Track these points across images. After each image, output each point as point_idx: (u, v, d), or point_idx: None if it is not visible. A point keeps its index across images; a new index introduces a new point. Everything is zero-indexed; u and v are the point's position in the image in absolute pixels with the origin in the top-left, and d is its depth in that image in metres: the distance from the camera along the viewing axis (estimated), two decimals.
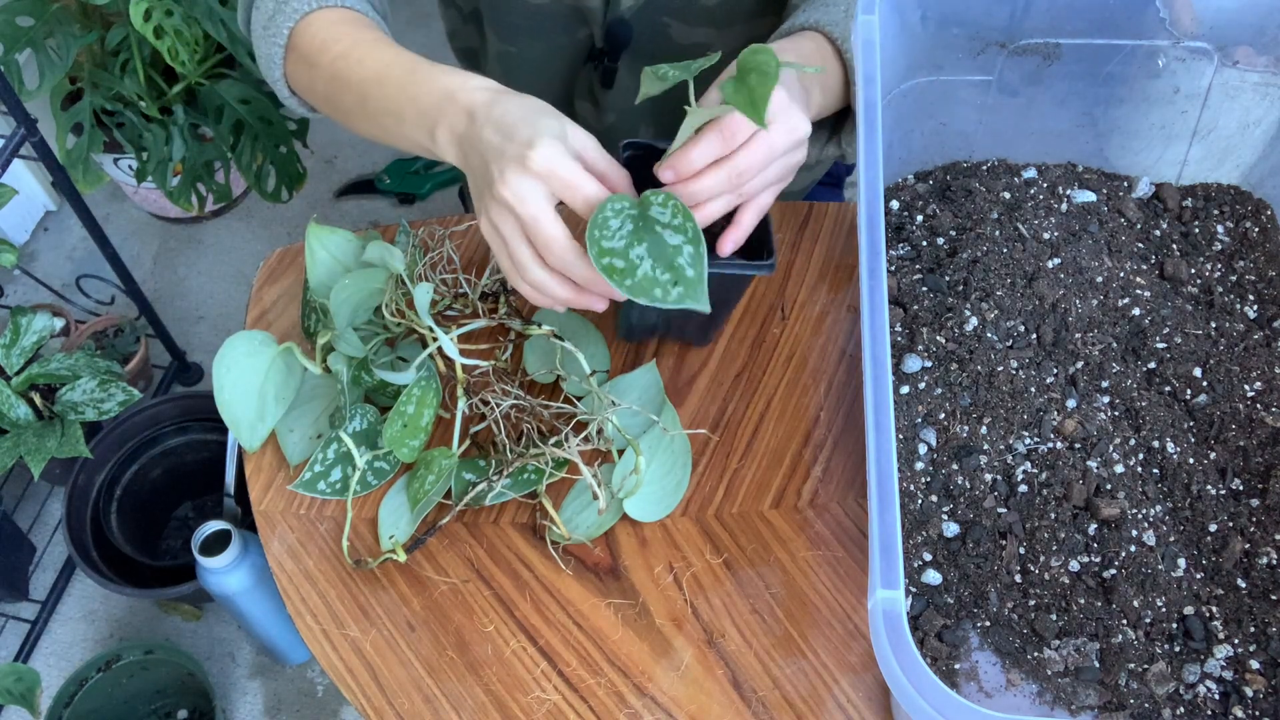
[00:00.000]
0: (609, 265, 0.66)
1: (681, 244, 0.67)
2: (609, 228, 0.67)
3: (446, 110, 0.70)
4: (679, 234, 0.67)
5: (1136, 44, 0.80)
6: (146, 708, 1.50)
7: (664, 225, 0.67)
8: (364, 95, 0.75)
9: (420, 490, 0.78)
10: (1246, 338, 0.79)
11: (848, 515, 0.79)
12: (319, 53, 0.78)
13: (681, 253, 0.67)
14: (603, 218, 0.67)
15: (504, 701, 0.73)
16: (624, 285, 0.66)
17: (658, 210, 0.68)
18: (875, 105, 0.68)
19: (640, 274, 0.66)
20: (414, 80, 0.73)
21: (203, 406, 1.56)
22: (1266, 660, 0.66)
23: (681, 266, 0.66)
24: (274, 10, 0.80)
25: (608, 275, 0.66)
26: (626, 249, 0.67)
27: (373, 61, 0.76)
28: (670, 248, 0.67)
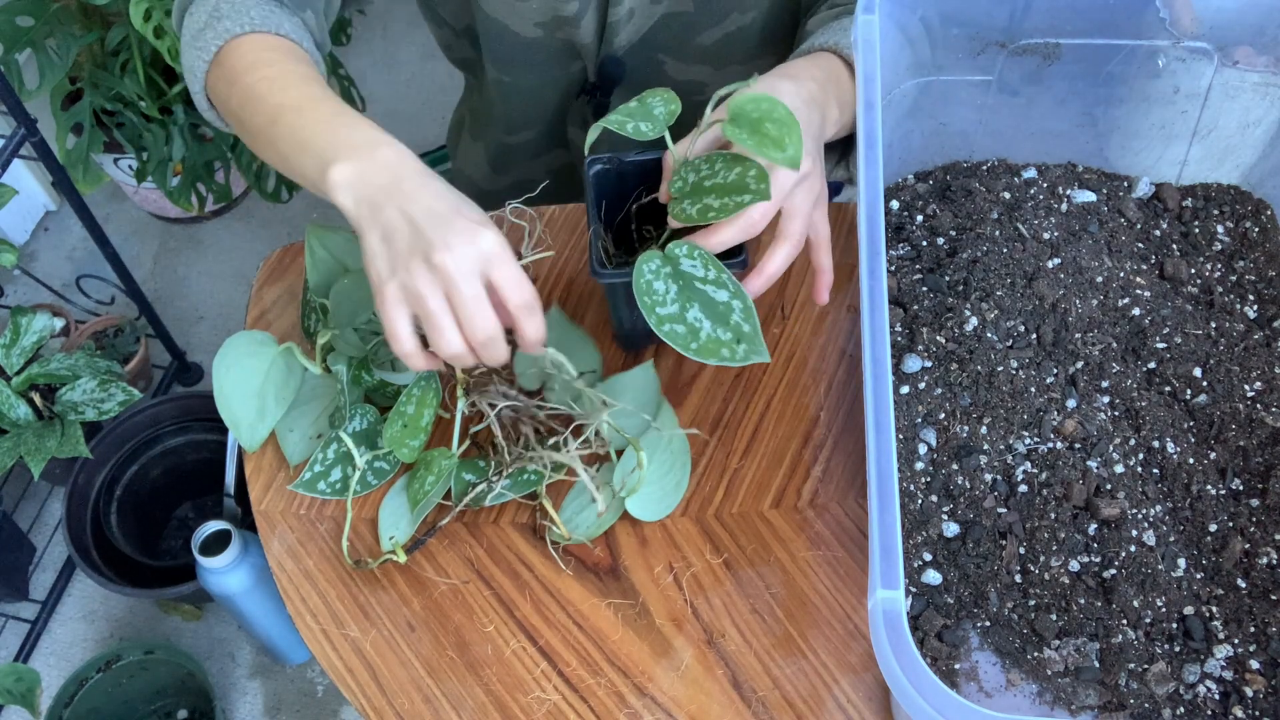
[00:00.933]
0: (670, 331, 0.68)
1: (729, 300, 0.68)
2: (656, 292, 0.68)
3: (359, 154, 0.68)
4: (722, 289, 0.69)
5: (1136, 44, 0.80)
6: (146, 708, 1.50)
7: (703, 281, 0.69)
8: (276, 119, 0.72)
9: (420, 491, 0.78)
10: (1246, 338, 0.79)
11: (848, 515, 0.79)
12: (243, 71, 0.75)
13: (733, 310, 0.68)
14: (645, 282, 0.68)
15: (504, 701, 0.73)
16: (690, 349, 0.68)
17: (689, 264, 0.69)
18: (875, 105, 0.68)
19: (704, 337, 0.68)
20: (338, 119, 0.71)
21: (203, 406, 1.56)
22: (1266, 660, 0.66)
23: (738, 324, 0.68)
24: (205, 24, 0.78)
25: (671, 341, 0.68)
26: (682, 313, 0.68)
27: (299, 91, 0.74)
28: (721, 305, 0.68)
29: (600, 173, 0.79)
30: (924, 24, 0.79)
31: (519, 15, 0.89)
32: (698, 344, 0.68)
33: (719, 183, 0.69)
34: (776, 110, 0.67)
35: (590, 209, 0.78)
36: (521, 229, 0.94)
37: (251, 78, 0.75)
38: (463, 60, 1.07)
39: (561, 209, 0.96)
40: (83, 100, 1.62)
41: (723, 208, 0.68)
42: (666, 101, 0.73)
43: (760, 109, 0.67)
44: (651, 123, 0.72)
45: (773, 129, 0.67)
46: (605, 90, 0.97)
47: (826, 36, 0.81)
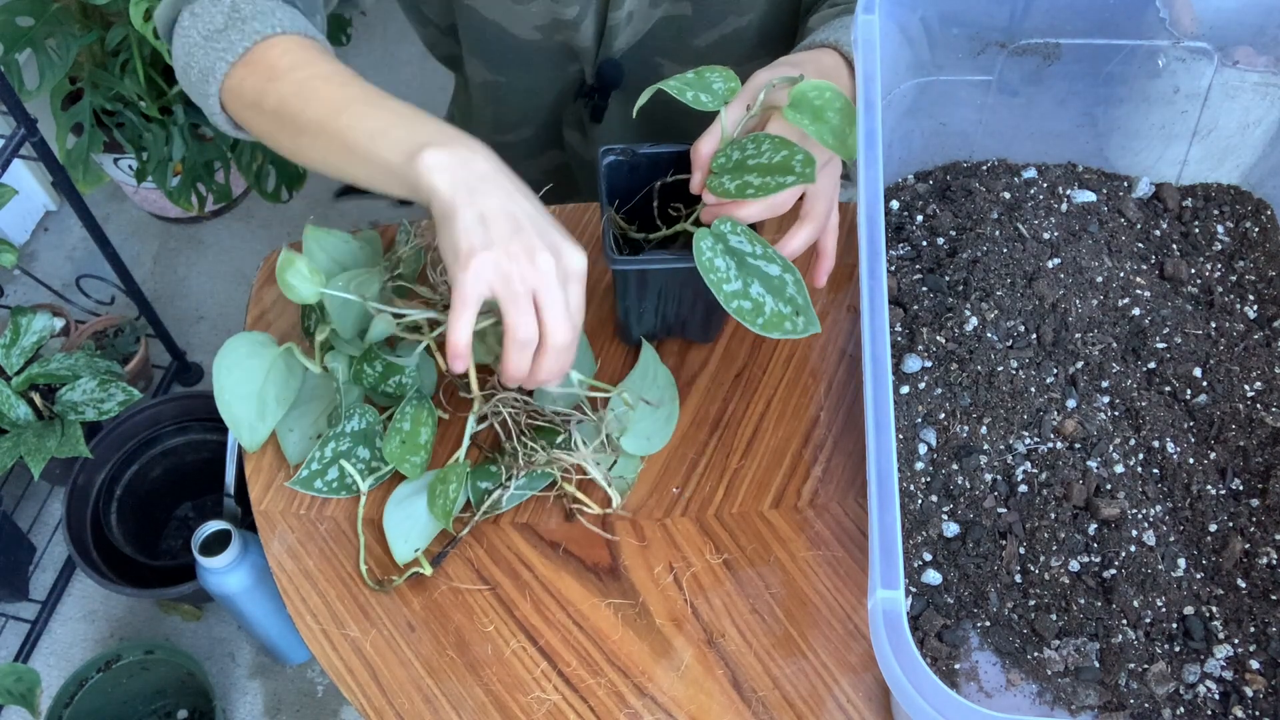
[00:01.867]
0: (739, 308, 0.70)
1: (782, 274, 0.70)
2: (718, 269, 0.70)
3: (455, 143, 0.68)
4: (772, 264, 0.70)
5: (1136, 44, 0.80)
6: (146, 708, 1.50)
7: (754, 257, 0.71)
8: (341, 110, 0.72)
9: (446, 504, 0.77)
10: (1246, 338, 0.79)
11: (848, 515, 0.79)
12: (291, 69, 0.74)
13: (787, 284, 0.70)
14: (707, 259, 0.70)
15: (504, 701, 0.73)
16: (756, 325, 0.69)
17: (736, 241, 0.71)
18: (875, 105, 0.68)
19: (768, 311, 0.70)
20: (416, 114, 0.71)
21: (203, 406, 1.56)
22: (1266, 660, 0.66)
23: (793, 297, 0.70)
24: (225, 24, 0.76)
25: (739, 317, 0.69)
26: (746, 289, 0.70)
27: (360, 89, 0.73)
28: (776, 279, 0.70)
29: (613, 164, 0.80)
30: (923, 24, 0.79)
31: (517, 18, 0.89)
32: (763, 319, 0.69)
33: (763, 163, 0.70)
34: (839, 100, 0.69)
35: (602, 199, 0.79)
36: None
37: (303, 74, 0.74)
38: (449, 58, 1.07)
39: (561, 208, 0.96)
40: (83, 100, 1.62)
41: (763, 186, 0.69)
42: (726, 79, 0.74)
43: (824, 97, 0.69)
44: (710, 95, 0.73)
45: (835, 118, 0.69)
46: (603, 93, 0.97)
47: (828, 33, 0.82)
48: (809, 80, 0.70)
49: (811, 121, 0.69)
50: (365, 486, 0.81)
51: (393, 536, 0.79)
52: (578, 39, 0.90)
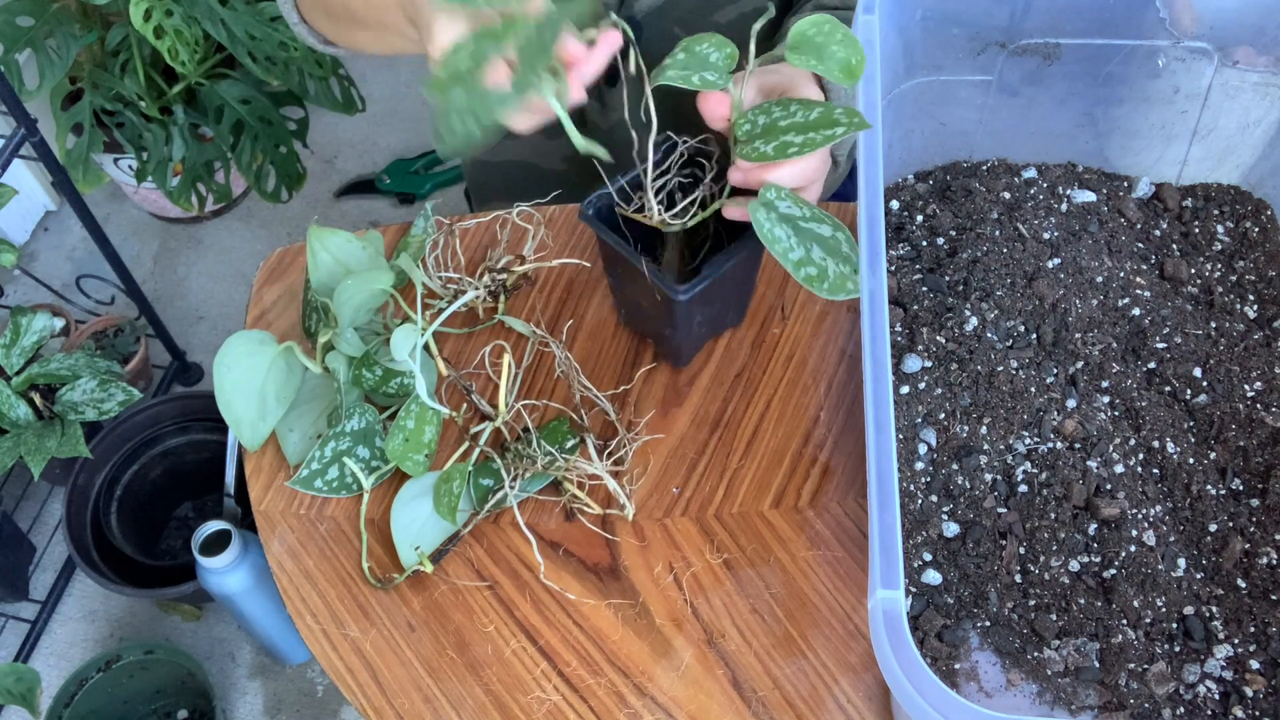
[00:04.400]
0: (806, 276, 0.68)
1: (834, 233, 0.68)
2: (779, 239, 0.68)
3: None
4: (823, 224, 0.68)
5: (1136, 44, 0.80)
6: (146, 708, 1.50)
7: (806, 220, 0.69)
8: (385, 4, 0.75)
9: (451, 501, 0.77)
10: (1246, 338, 0.79)
11: (848, 515, 0.80)
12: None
13: (841, 242, 0.68)
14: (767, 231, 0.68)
15: (504, 701, 0.73)
16: (823, 289, 0.67)
17: (787, 208, 0.69)
18: (875, 105, 0.68)
19: (832, 275, 0.68)
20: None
21: (203, 406, 1.56)
22: (1266, 660, 0.66)
23: (849, 255, 0.68)
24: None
25: (809, 285, 0.68)
26: (808, 255, 0.68)
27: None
28: (831, 240, 0.68)
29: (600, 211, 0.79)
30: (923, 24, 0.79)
31: None
32: (828, 284, 0.68)
33: (798, 122, 0.69)
34: (839, 30, 0.67)
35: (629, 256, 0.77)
36: (525, 231, 0.94)
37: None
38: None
39: (562, 209, 0.96)
40: (83, 100, 1.62)
41: (806, 143, 0.67)
42: (720, 45, 0.72)
43: (824, 32, 0.67)
44: (714, 71, 0.71)
45: (839, 50, 0.67)
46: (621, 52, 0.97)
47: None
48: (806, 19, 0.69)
49: (818, 60, 0.67)
50: (368, 485, 0.81)
51: (399, 539, 0.79)
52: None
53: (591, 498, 0.80)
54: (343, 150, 2.16)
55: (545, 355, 0.88)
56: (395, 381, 0.83)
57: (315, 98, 1.69)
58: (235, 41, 1.54)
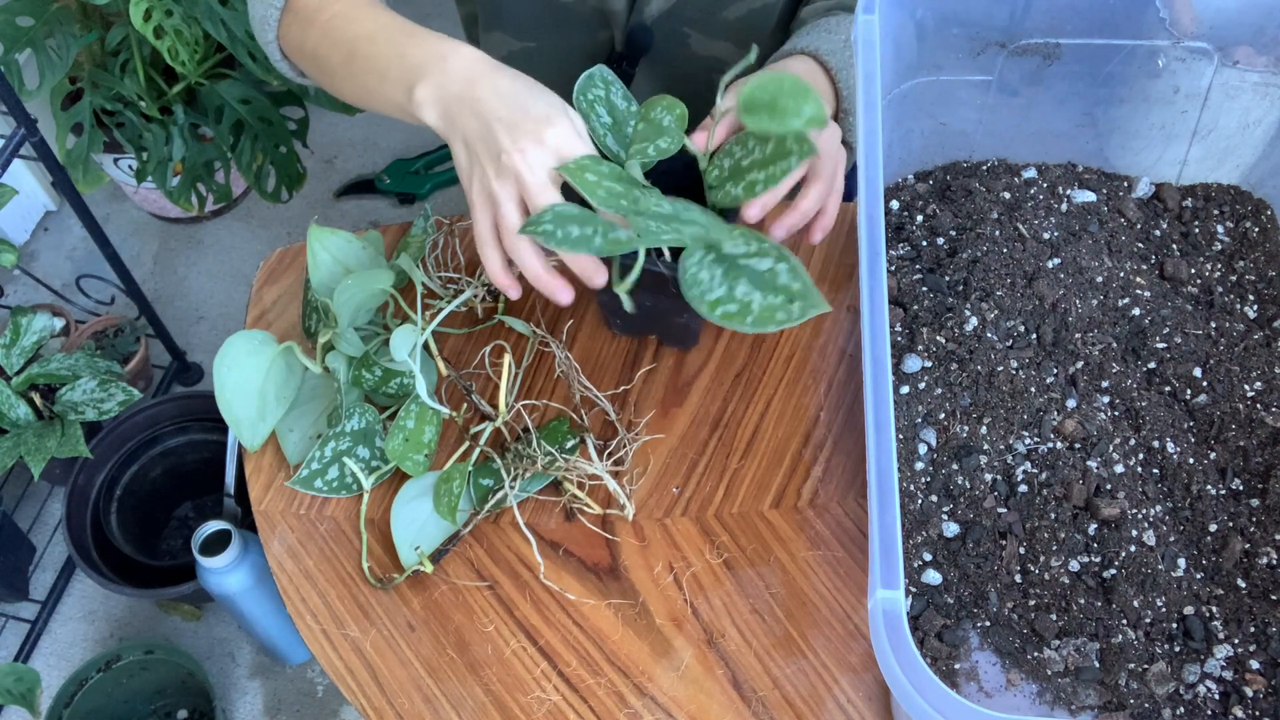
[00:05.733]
0: (724, 314, 0.67)
1: (773, 265, 0.67)
2: (701, 282, 0.68)
3: (433, 70, 0.71)
4: (764, 257, 0.68)
5: (1136, 44, 0.80)
6: (146, 708, 1.50)
7: (747, 257, 0.68)
8: (352, 52, 0.76)
9: (451, 501, 0.77)
10: (1246, 338, 0.79)
11: (848, 515, 0.79)
12: (315, 11, 0.79)
13: (778, 274, 0.67)
14: (691, 275, 0.68)
15: (504, 701, 0.73)
16: (746, 324, 0.66)
17: (732, 247, 0.68)
18: (875, 105, 0.68)
19: (756, 308, 0.66)
20: (407, 39, 0.74)
21: (203, 406, 1.56)
22: (1266, 660, 0.66)
23: (787, 285, 0.66)
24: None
25: (726, 323, 0.66)
26: (730, 293, 0.67)
27: (369, 20, 0.76)
28: (766, 273, 0.67)
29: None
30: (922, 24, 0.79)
31: None
32: (752, 317, 0.67)
33: (758, 159, 0.70)
34: (785, 83, 0.67)
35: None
36: None
37: (324, 17, 0.78)
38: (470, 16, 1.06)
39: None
40: (83, 100, 1.62)
41: (769, 177, 0.69)
42: (670, 107, 0.75)
43: (769, 90, 0.67)
44: (668, 136, 0.74)
45: (788, 102, 0.67)
46: (631, 60, 0.97)
47: (807, 40, 0.82)
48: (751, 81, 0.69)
49: (770, 116, 0.67)
50: (368, 485, 0.81)
51: (399, 539, 0.78)
52: (611, 2, 0.91)
53: (591, 498, 0.80)
54: (343, 150, 2.16)
55: (545, 355, 0.88)
56: (395, 381, 0.83)
57: (315, 98, 1.69)
58: (235, 41, 1.54)
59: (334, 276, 0.85)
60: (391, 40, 0.74)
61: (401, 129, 2.17)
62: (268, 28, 0.82)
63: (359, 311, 0.83)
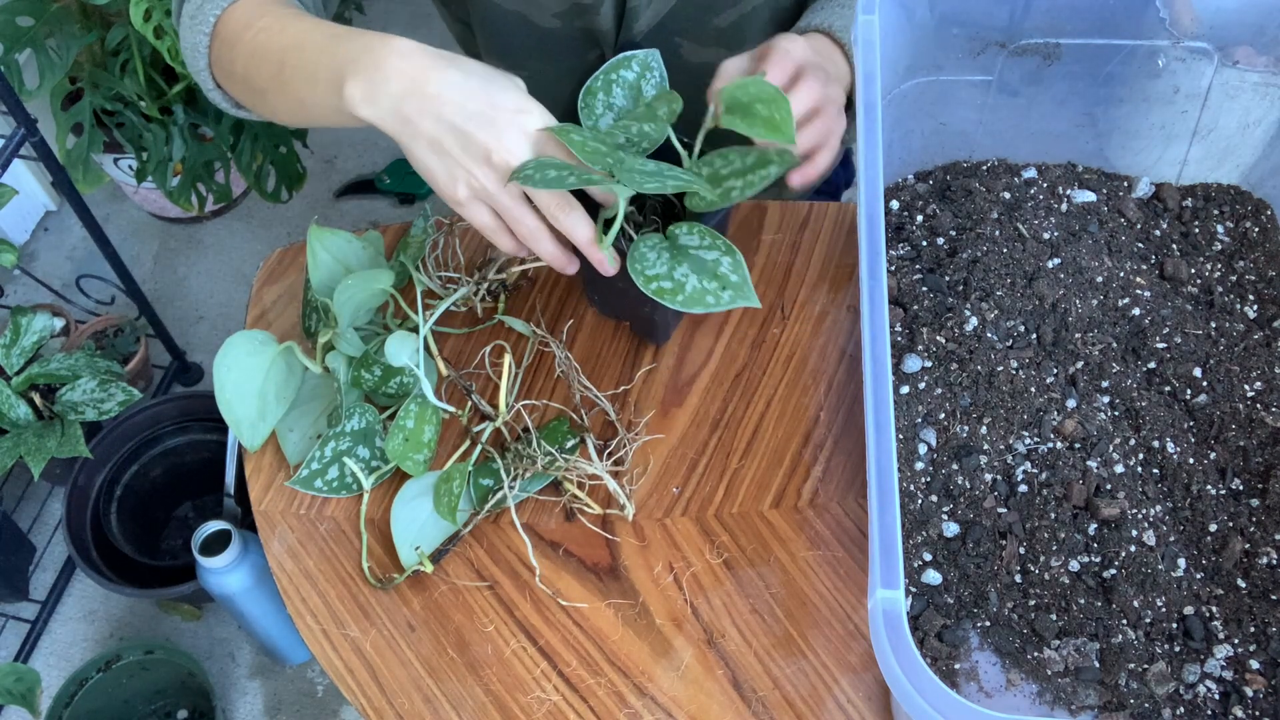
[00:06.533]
0: (658, 288, 0.71)
1: (719, 257, 0.72)
2: (646, 259, 0.72)
3: (363, 62, 0.68)
4: (713, 250, 0.72)
5: (1136, 44, 0.80)
6: (146, 708, 1.50)
7: (696, 248, 0.72)
8: (281, 64, 0.73)
9: (451, 501, 0.77)
10: (1246, 338, 0.79)
11: (848, 515, 0.79)
12: (241, 30, 0.76)
13: (721, 264, 0.72)
14: (639, 253, 0.72)
15: (504, 701, 0.73)
16: (676, 301, 0.71)
17: (686, 239, 0.73)
18: (875, 105, 0.68)
19: (689, 288, 0.71)
20: (335, 40, 0.71)
21: (203, 406, 1.56)
22: (1266, 660, 0.66)
23: (725, 275, 0.71)
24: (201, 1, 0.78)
25: (659, 297, 0.71)
26: (670, 272, 0.72)
27: (294, 31, 0.74)
28: (710, 261, 0.72)
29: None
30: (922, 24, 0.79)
31: (537, 6, 0.89)
32: (684, 296, 0.71)
33: (738, 168, 0.72)
34: (764, 90, 0.69)
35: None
36: None
37: (249, 34, 0.75)
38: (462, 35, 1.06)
39: None
40: (83, 100, 1.62)
41: (746, 184, 0.71)
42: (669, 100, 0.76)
43: (749, 93, 0.70)
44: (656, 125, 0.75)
45: (762, 109, 0.69)
46: None
47: (820, 17, 0.83)
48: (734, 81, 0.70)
49: (743, 119, 0.70)
50: (368, 485, 0.81)
51: (399, 539, 0.78)
52: (598, 23, 0.90)
53: (591, 498, 0.80)
54: (343, 150, 2.16)
55: (545, 355, 0.88)
56: (395, 381, 0.83)
57: None
58: None
59: (334, 276, 0.85)
60: (319, 44, 0.72)
61: None
62: (198, 55, 0.78)
63: (359, 311, 0.83)
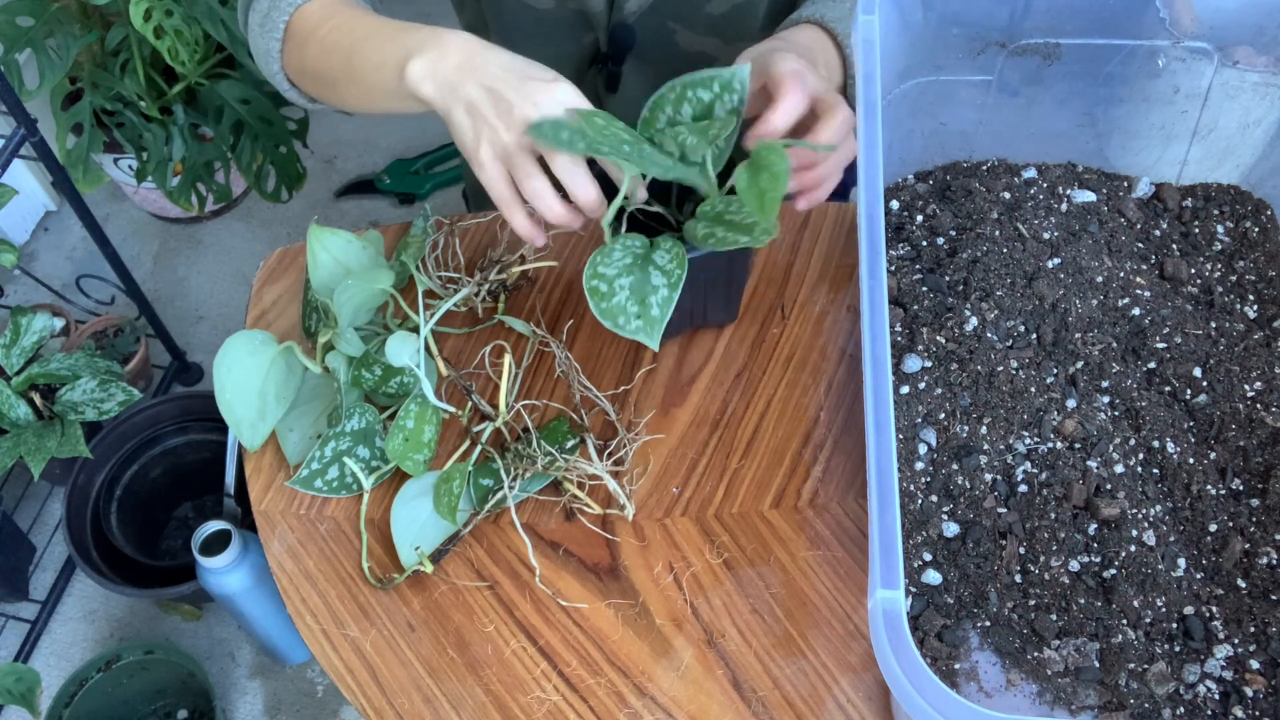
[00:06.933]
0: (594, 287, 0.73)
1: (662, 286, 0.73)
2: (612, 256, 0.73)
3: (428, 46, 0.72)
4: (665, 278, 0.73)
5: (1136, 44, 0.80)
6: (146, 708, 1.50)
7: (658, 268, 0.73)
8: (350, 54, 0.77)
9: (451, 501, 0.78)
10: (1246, 338, 0.79)
11: (848, 515, 0.79)
12: (313, 30, 0.81)
13: (657, 293, 0.73)
14: (610, 247, 0.73)
15: (504, 701, 0.73)
16: (599, 308, 0.73)
17: (660, 255, 0.74)
18: (875, 105, 0.68)
19: (614, 301, 0.73)
20: (403, 31, 0.76)
21: (203, 406, 1.56)
22: (1266, 660, 0.66)
23: (650, 305, 0.73)
24: (269, 7, 0.83)
25: (590, 295, 0.72)
26: (615, 277, 0.73)
27: (364, 26, 0.78)
28: (651, 287, 0.73)
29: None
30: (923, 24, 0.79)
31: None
32: (606, 304, 0.72)
33: (735, 221, 0.73)
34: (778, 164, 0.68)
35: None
36: None
37: (321, 32, 0.80)
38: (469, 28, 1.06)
39: None
40: (83, 100, 1.62)
41: (722, 239, 0.73)
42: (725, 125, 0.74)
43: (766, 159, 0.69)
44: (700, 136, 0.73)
45: (765, 180, 0.69)
46: (617, 59, 0.97)
47: (814, 9, 0.83)
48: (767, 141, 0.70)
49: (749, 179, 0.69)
50: (368, 485, 0.81)
51: (399, 539, 0.78)
52: (589, 4, 0.91)
53: (591, 498, 0.80)
54: (343, 150, 2.16)
55: (545, 355, 0.88)
56: (395, 381, 0.83)
57: None
58: (235, 41, 1.54)
59: (334, 276, 0.85)
60: (388, 34, 0.76)
61: (401, 129, 2.17)
62: (271, 59, 0.84)
63: (359, 311, 0.83)
